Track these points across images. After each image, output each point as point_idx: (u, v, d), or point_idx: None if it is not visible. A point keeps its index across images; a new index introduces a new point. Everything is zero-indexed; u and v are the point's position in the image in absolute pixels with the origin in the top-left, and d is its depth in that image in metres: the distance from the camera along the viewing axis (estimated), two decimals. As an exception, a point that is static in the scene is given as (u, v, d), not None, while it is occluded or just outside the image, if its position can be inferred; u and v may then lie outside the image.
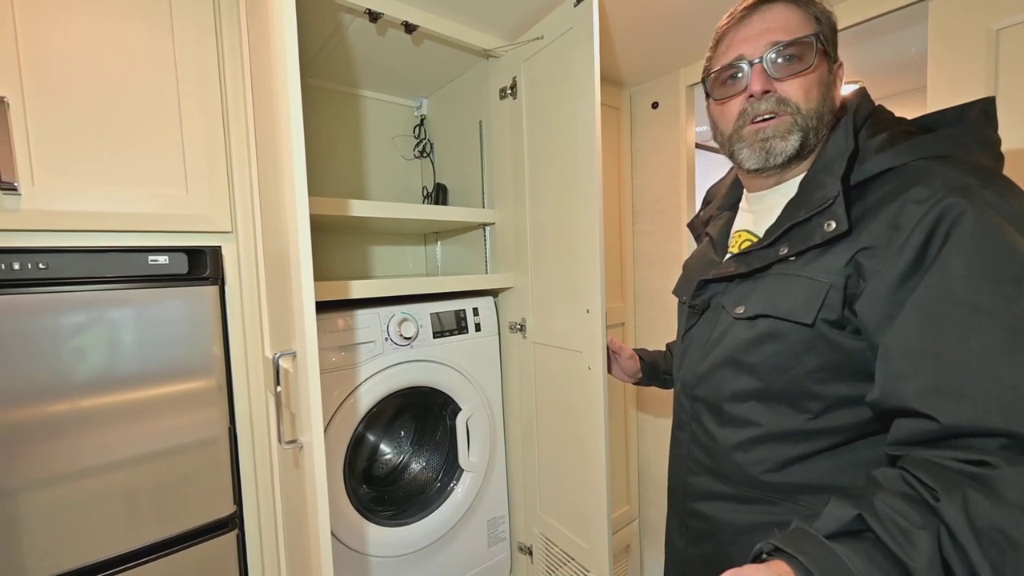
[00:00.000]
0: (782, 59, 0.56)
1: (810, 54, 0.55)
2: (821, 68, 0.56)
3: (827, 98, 0.57)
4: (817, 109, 0.56)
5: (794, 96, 0.56)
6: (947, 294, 0.42)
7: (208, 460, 0.87)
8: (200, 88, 0.86)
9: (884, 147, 0.52)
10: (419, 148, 1.56)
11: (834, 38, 0.58)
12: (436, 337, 1.15)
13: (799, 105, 0.56)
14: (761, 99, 0.57)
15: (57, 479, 0.74)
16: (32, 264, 0.71)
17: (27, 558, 0.72)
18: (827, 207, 0.51)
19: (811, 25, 0.56)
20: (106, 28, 0.79)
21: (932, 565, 0.36)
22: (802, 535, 0.40)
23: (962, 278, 0.42)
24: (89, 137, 0.77)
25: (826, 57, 0.57)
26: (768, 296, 0.55)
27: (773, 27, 0.56)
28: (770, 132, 0.57)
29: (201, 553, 0.87)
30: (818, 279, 0.51)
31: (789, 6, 0.57)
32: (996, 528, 0.35)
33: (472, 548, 1.23)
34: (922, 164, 0.49)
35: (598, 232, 0.95)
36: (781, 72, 0.56)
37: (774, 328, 0.54)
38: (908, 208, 0.46)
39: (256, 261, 0.92)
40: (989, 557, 0.35)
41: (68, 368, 0.74)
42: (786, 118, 0.56)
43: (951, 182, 0.45)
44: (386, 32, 1.10)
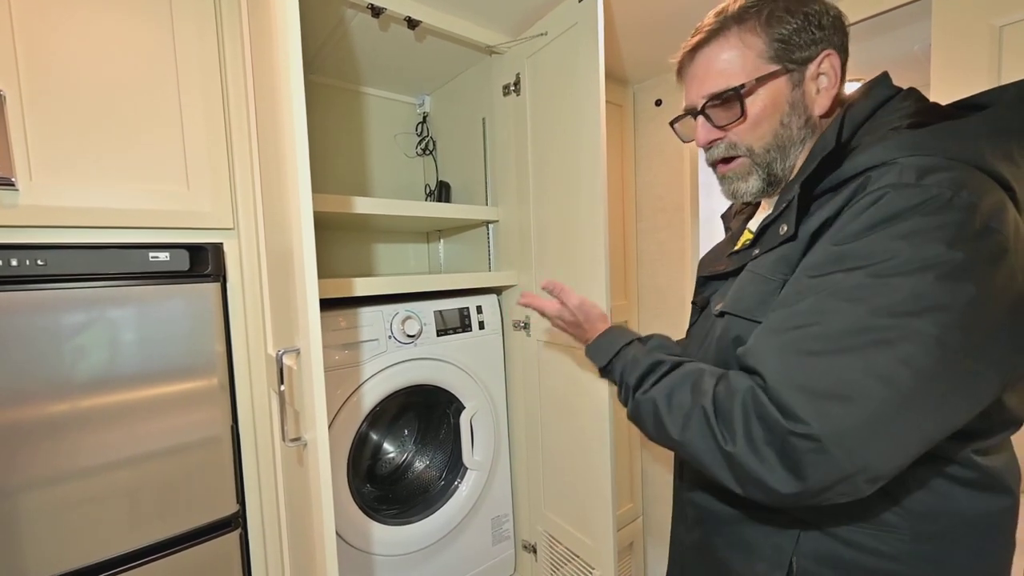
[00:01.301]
0: (719, 108, 0.55)
1: (739, 102, 0.53)
2: (771, 95, 0.53)
3: (793, 116, 0.54)
4: (774, 141, 0.55)
5: (743, 139, 0.55)
6: (797, 277, 0.47)
7: (210, 459, 0.87)
8: (201, 83, 0.85)
9: (871, 144, 0.48)
10: (421, 145, 1.55)
11: (803, 37, 0.52)
12: (440, 335, 1.14)
13: (750, 147, 0.55)
14: (711, 147, 0.58)
15: (58, 479, 0.73)
16: (31, 260, 0.70)
17: (29, 558, 0.71)
18: (784, 211, 0.52)
19: (750, 55, 0.53)
20: (105, 21, 0.78)
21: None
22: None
23: (811, 265, 0.46)
24: (88, 132, 0.76)
25: (785, 74, 0.53)
26: (734, 293, 0.57)
27: (707, 73, 0.55)
28: (731, 175, 0.59)
29: (204, 553, 0.86)
30: (772, 277, 0.51)
31: (718, 45, 0.54)
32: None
33: (476, 546, 1.23)
34: (898, 160, 0.44)
35: (603, 229, 0.95)
36: (721, 120, 0.56)
37: (735, 325, 0.55)
38: (847, 208, 0.46)
39: (258, 258, 0.91)
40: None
41: (68, 366, 0.74)
42: (742, 160, 0.57)
43: (893, 178, 0.43)
44: (389, 28, 1.09)
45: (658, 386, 0.54)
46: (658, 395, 0.53)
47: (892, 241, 0.41)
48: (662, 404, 0.52)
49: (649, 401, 0.54)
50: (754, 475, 0.43)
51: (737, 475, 0.45)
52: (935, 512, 0.47)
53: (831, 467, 0.39)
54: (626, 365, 0.62)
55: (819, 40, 0.53)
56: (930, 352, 0.38)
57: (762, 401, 0.43)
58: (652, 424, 0.54)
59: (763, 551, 0.54)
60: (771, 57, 0.53)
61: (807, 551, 0.51)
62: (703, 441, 0.47)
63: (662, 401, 0.52)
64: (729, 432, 0.45)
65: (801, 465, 0.40)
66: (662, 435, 0.53)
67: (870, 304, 0.40)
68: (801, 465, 0.40)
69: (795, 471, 0.41)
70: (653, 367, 0.57)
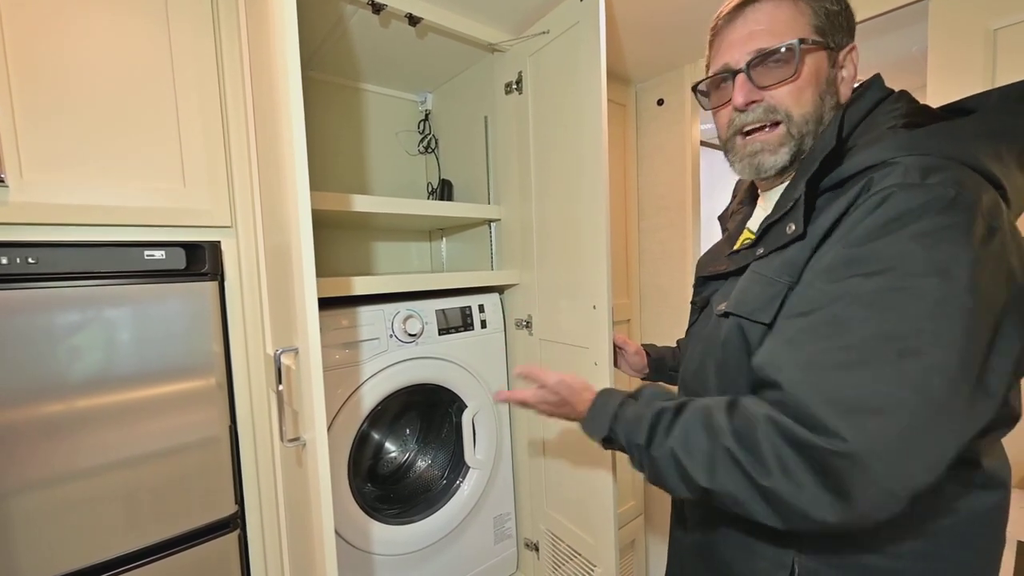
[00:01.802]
0: (767, 66, 0.53)
1: (796, 57, 0.52)
2: (816, 65, 0.53)
3: (827, 94, 0.54)
4: (813, 112, 0.53)
5: (783, 103, 0.53)
6: (812, 281, 0.46)
7: (209, 459, 0.86)
8: (197, 78, 0.84)
9: (870, 144, 0.49)
10: (423, 143, 1.54)
11: (841, 22, 0.54)
12: (441, 334, 1.13)
13: (789, 112, 0.53)
14: (746, 110, 0.55)
15: (54, 480, 0.72)
16: (21, 259, 0.69)
17: (26, 560, 0.70)
18: (791, 209, 0.51)
19: (803, 20, 0.53)
20: (99, 16, 0.76)
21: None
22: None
23: (825, 269, 0.45)
24: (82, 129, 0.75)
25: (824, 49, 0.53)
26: (738, 294, 0.56)
27: (757, 30, 0.54)
28: (759, 146, 0.56)
29: (203, 554, 0.85)
30: (779, 279, 0.50)
31: (779, 2, 0.54)
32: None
33: (478, 545, 1.22)
34: (901, 160, 0.45)
35: (605, 228, 0.94)
36: (767, 80, 0.53)
37: (739, 326, 0.54)
38: (854, 207, 0.46)
39: (257, 256, 0.90)
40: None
41: (63, 367, 0.73)
42: (777, 130, 0.55)
43: (897, 178, 0.43)
44: (389, 24, 1.08)
45: (671, 436, 0.50)
46: (675, 444, 0.49)
47: (906, 243, 0.41)
48: (681, 453, 0.49)
49: (667, 454, 0.50)
50: (797, 507, 0.41)
51: (779, 510, 0.42)
52: (939, 510, 0.47)
53: (875, 484, 0.38)
54: (628, 426, 0.56)
55: (848, 30, 0.55)
56: (958, 355, 0.38)
57: (786, 424, 0.41)
58: (676, 478, 0.50)
59: (765, 551, 0.54)
60: (819, 29, 0.53)
61: (809, 551, 0.51)
62: (735, 482, 0.44)
63: (680, 450, 0.49)
64: (761, 465, 0.42)
65: (845, 486, 0.39)
66: (690, 486, 0.49)
67: (894, 311, 0.40)
68: (845, 486, 0.39)
69: (839, 493, 0.39)
70: (658, 418, 0.53)
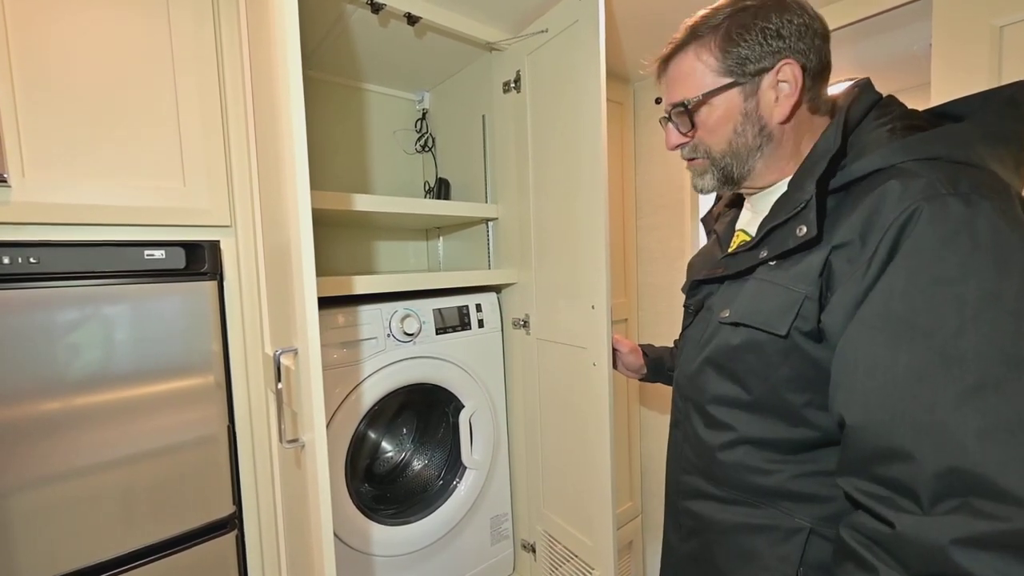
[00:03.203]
0: (682, 116, 0.59)
1: (687, 116, 0.58)
2: (725, 105, 0.56)
3: (746, 125, 0.56)
4: (729, 147, 0.58)
5: (703, 144, 0.60)
6: (886, 309, 0.42)
7: (207, 459, 0.86)
8: (197, 78, 0.84)
9: (873, 147, 0.49)
10: (421, 142, 1.54)
11: (757, 51, 0.53)
12: (439, 333, 1.13)
13: (709, 151, 0.60)
14: (679, 149, 0.63)
15: (52, 479, 0.72)
16: (23, 258, 0.69)
17: (22, 560, 0.70)
18: (800, 211, 0.51)
19: (703, 70, 0.56)
20: (100, 14, 0.76)
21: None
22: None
23: (902, 293, 0.41)
24: (83, 128, 0.75)
25: (734, 86, 0.55)
26: (749, 303, 0.55)
27: (673, 85, 0.60)
28: (693, 171, 0.64)
29: (200, 554, 0.85)
30: (795, 289, 0.50)
31: (680, 60, 0.58)
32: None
33: (475, 546, 1.22)
34: (909, 166, 0.45)
35: (603, 227, 0.94)
36: (685, 127, 0.60)
37: (752, 337, 0.53)
38: (877, 219, 0.44)
39: (256, 256, 0.90)
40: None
41: (62, 365, 0.72)
42: (700, 162, 0.61)
43: (924, 190, 0.42)
44: (388, 23, 1.08)
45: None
46: None
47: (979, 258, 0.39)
48: None
49: None
50: None
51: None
52: None
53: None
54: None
55: (777, 51, 0.54)
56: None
57: (1004, 531, 0.35)
58: None
59: (767, 561, 0.53)
60: (724, 71, 0.56)
61: (814, 561, 0.50)
62: None
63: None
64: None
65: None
66: None
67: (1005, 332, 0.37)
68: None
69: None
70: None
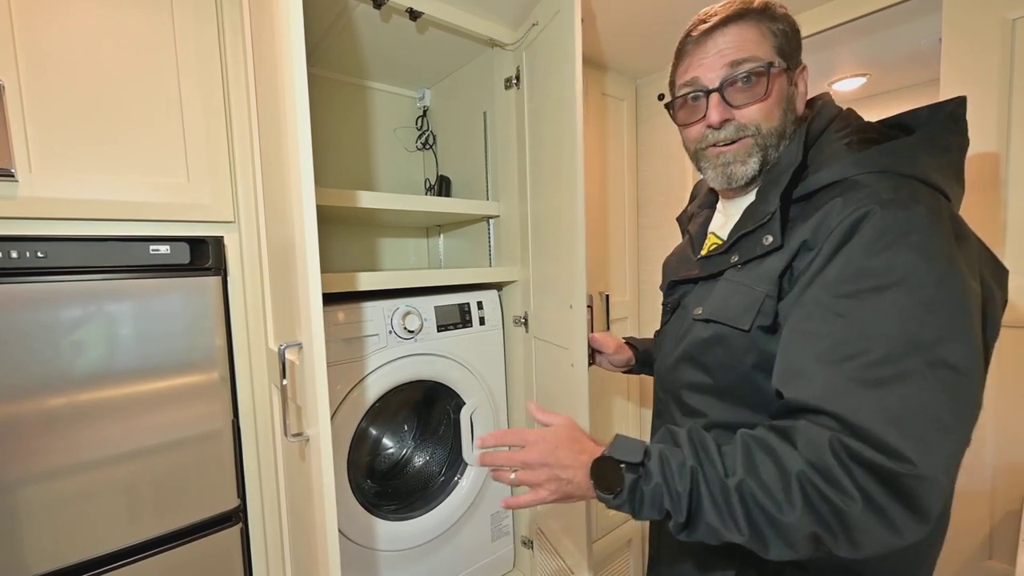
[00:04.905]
0: (739, 86, 0.56)
1: (767, 78, 0.55)
2: (780, 85, 0.57)
3: (788, 111, 0.58)
4: (779, 127, 0.58)
5: (753, 120, 0.57)
6: (819, 296, 0.47)
7: (211, 454, 0.86)
8: (200, 74, 0.84)
9: (831, 160, 0.53)
10: (422, 140, 1.54)
11: (795, 44, 0.58)
12: (440, 331, 1.14)
13: (759, 127, 0.57)
14: (720, 128, 0.58)
15: (58, 474, 0.73)
16: (31, 253, 0.69)
17: (29, 553, 0.71)
18: (767, 222, 0.54)
19: (768, 43, 0.56)
20: (105, 11, 0.76)
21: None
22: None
23: (833, 282, 0.46)
24: (88, 124, 0.76)
25: (786, 71, 0.57)
26: (719, 301, 0.58)
27: (728, 51, 0.56)
28: (730, 157, 0.59)
29: (205, 547, 0.86)
30: (757, 288, 0.54)
31: (744, 26, 0.56)
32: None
33: (476, 542, 1.23)
34: (861, 178, 0.50)
35: (580, 224, 0.92)
36: (739, 100, 0.57)
37: (720, 332, 0.57)
38: (828, 223, 0.49)
39: (259, 252, 0.91)
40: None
41: (68, 360, 0.73)
42: (746, 141, 0.58)
43: (869, 198, 0.47)
44: (390, 19, 1.08)
45: (734, 469, 0.44)
46: (744, 474, 0.43)
47: (906, 255, 0.43)
48: (756, 487, 0.43)
49: (736, 489, 0.44)
50: (882, 531, 0.40)
51: (862, 538, 0.41)
52: None
53: (941, 496, 0.40)
54: (666, 473, 0.47)
55: (799, 51, 0.59)
56: (975, 359, 0.42)
57: (857, 448, 0.40)
58: (743, 519, 0.43)
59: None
60: (780, 51, 0.57)
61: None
62: (816, 512, 0.41)
63: (754, 482, 0.43)
64: (840, 491, 0.40)
65: (921, 503, 0.39)
66: (766, 526, 0.42)
67: (915, 321, 0.42)
68: (921, 503, 0.39)
69: (918, 512, 0.39)
70: (703, 451, 0.47)
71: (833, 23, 1.12)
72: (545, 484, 0.53)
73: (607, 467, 0.50)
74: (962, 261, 0.44)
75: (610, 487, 0.49)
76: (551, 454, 0.53)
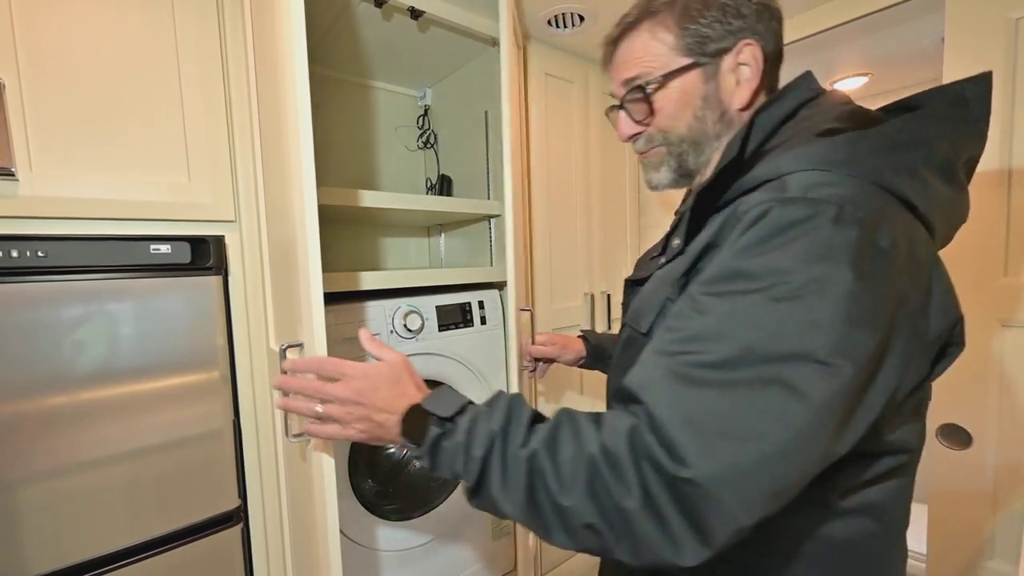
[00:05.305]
0: (635, 102, 0.54)
1: (651, 97, 0.52)
2: (684, 87, 0.51)
3: (707, 110, 0.52)
4: (688, 133, 0.53)
5: (660, 130, 0.54)
6: (692, 292, 0.43)
7: (212, 453, 0.86)
8: (201, 73, 0.84)
9: (776, 155, 0.45)
10: (423, 139, 1.54)
11: (718, 29, 0.50)
12: (441, 330, 1.13)
13: (666, 136, 0.54)
14: (631, 141, 0.58)
15: (59, 473, 0.73)
16: (31, 252, 0.69)
17: (30, 553, 0.71)
18: (678, 223, 0.53)
19: (664, 47, 0.51)
20: (105, 9, 0.76)
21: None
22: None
23: (706, 281, 0.42)
24: (88, 123, 0.75)
25: (695, 67, 0.51)
26: (636, 304, 0.56)
27: (620, 68, 0.54)
28: (647, 164, 0.58)
29: (206, 547, 0.86)
30: (661, 291, 0.51)
31: (636, 36, 0.53)
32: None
33: (476, 542, 1.23)
34: (795, 176, 0.42)
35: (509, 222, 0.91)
36: (638, 115, 0.54)
37: (631, 335, 0.55)
38: (731, 219, 0.44)
39: (260, 251, 0.91)
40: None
41: (69, 360, 0.73)
42: (658, 151, 0.55)
43: (775, 196, 0.40)
44: (392, 17, 1.07)
45: (534, 437, 0.42)
46: (539, 446, 0.41)
47: (784, 259, 0.37)
48: (543, 456, 0.40)
49: (524, 458, 0.41)
50: (653, 539, 0.36)
51: (639, 544, 0.36)
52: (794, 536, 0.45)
53: (728, 516, 0.34)
54: (471, 434, 0.44)
55: (737, 30, 0.50)
56: (826, 383, 0.35)
57: (648, 441, 0.36)
58: (524, 493, 0.41)
59: None
60: (683, 50, 0.51)
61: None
62: (595, 501, 0.37)
63: (544, 452, 0.40)
64: (623, 484, 0.37)
65: (705, 522, 0.34)
66: (547, 505, 0.40)
67: (764, 330, 0.36)
68: (705, 522, 0.34)
69: (702, 531, 0.35)
70: (515, 414, 0.44)
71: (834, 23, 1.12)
72: (355, 423, 0.52)
73: (418, 416, 0.48)
74: (871, 278, 0.36)
75: (414, 437, 0.48)
76: (370, 393, 0.51)
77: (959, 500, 0.95)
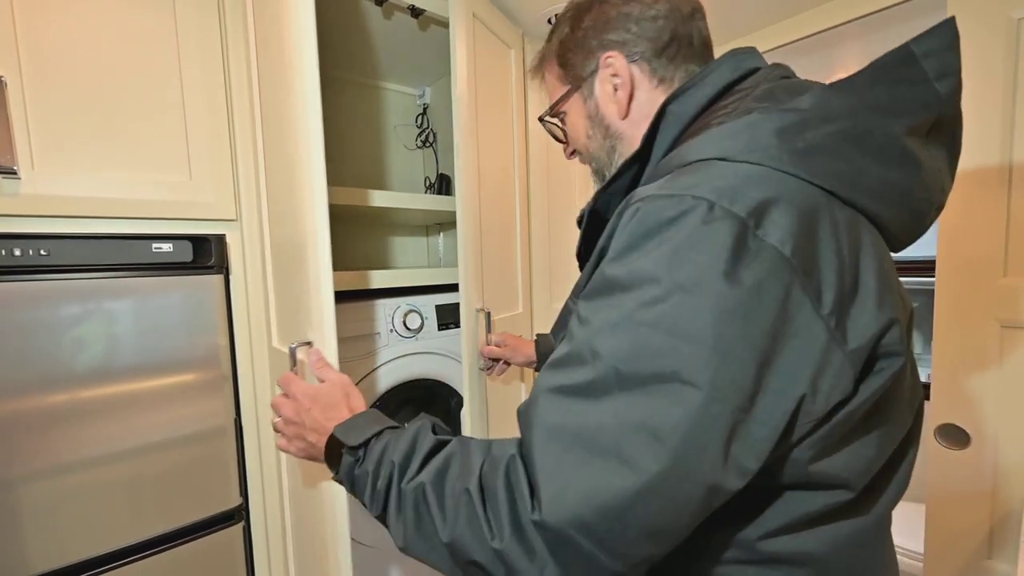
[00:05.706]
0: (552, 128, 0.59)
1: (560, 121, 0.57)
2: (573, 111, 0.55)
3: (593, 127, 0.54)
4: (594, 150, 0.56)
5: (580, 149, 0.58)
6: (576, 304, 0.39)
7: (214, 452, 0.86)
8: (203, 72, 0.84)
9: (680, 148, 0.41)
10: (422, 137, 1.54)
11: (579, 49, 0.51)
12: (441, 329, 1.14)
13: (583, 155, 0.58)
14: (572, 158, 0.62)
15: (61, 471, 0.73)
16: (33, 250, 0.69)
17: (32, 551, 0.71)
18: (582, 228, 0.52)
19: (554, 77, 0.56)
20: (106, 7, 0.76)
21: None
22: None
23: (584, 294, 0.38)
24: (90, 121, 0.75)
25: (574, 91, 0.54)
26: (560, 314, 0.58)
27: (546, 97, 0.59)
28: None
29: (207, 545, 0.86)
30: (569, 301, 0.51)
31: (542, 70, 0.58)
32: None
33: (477, 540, 1.23)
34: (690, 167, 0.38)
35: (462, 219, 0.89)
36: (562, 138, 0.60)
37: (552, 347, 0.56)
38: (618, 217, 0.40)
39: (262, 250, 0.90)
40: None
41: (70, 358, 0.73)
42: (590, 166, 0.59)
43: (647, 192, 0.37)
44: (392, 16, 1.07)
45: (428, 466, 0.40)
46: (427, 478, 0.38)
47: (649, 264, 0.33)
48: (429, 489, 0.38)
49: (412, 492, 0.39)
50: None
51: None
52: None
53: (590, 562, 0.31)
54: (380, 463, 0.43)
55: (597, 47, 0.50)
56: (691, 407, 0.30)
57: (519, 476, 0.34)
58: (412, 526, 0.38)
59: None
60: (564, 78, 0.55)
61: None
62: (474, 539, 0.34)
63: (431, 489, 0.38)
64: (496, 521, 0.34)
65: (570, 566, 0.31)
66: (429, 540, 0.37)
67: (629, 348, 0.32)
68: (570, 566, 0.31)
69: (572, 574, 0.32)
70: (413, 448, 0.42)
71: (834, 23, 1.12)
72: (295, 440, 0.53)
73: (334, 443, 0.47)
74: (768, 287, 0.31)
75: (332, 462, 0.47)
76: (304, 413, 0.52)
77: (957, 500, 0.95)
